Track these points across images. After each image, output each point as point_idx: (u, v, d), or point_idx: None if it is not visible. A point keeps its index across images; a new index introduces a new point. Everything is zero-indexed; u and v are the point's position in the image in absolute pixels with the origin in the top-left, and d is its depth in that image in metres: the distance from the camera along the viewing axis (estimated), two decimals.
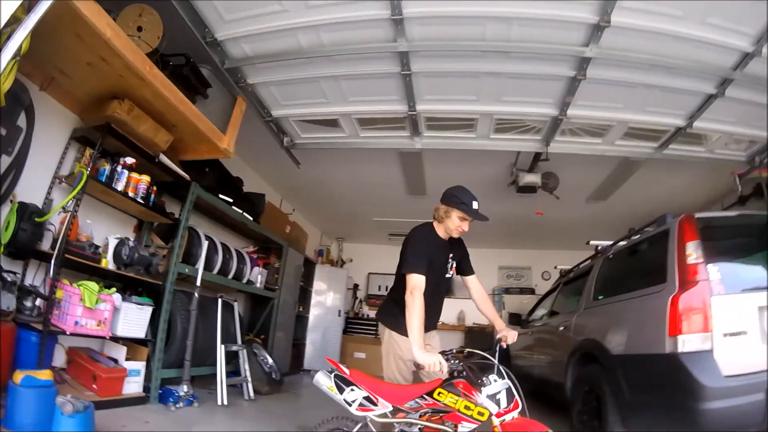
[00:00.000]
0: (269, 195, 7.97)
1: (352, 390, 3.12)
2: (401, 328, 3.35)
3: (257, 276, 7.00)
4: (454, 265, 3.71)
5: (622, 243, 4.95)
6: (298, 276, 9.27)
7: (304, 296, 10.12)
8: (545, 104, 5.16)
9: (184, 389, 4.78)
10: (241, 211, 6.44)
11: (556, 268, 8.48)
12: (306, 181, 8.01)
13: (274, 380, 6.53)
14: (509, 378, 2.95)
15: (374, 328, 11.86)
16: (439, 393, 3.01)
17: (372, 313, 12.63)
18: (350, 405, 3.08)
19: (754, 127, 5.49)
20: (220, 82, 4.96)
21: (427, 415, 3.07)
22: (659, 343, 3.29)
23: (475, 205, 3.38)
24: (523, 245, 12.73)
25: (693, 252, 3.38)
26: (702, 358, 3.09)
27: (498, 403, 2.83)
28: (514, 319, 8.08)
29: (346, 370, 3.24)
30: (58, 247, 3.72)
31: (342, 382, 3.18)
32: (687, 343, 3.12)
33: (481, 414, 2.89)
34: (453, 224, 3.44)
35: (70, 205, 3.91)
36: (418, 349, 2.98)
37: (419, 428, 3.06)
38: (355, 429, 3.14)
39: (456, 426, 2.95)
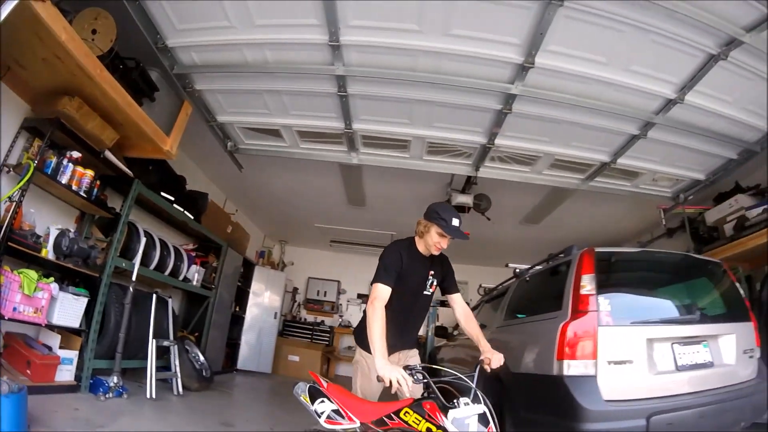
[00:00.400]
0: (214, 194, 8.04)
1: (322, 402, 3.16)
2: (365, 344, 3.30)
3: (194, 274, 7.05)
4: (435, 283, 3.61)
5: (538, 267, 5.17)
6: (236, 276, 9.35)
7: (241, 297, 10.15)
8: (474, 132, 5.50)
9: (114, 380, 4.84)
10: (182, 209, 6.53)
11: (480, 286, 8.77)
12: (250, 183, 8.12)
13: (204, 378, 6.60)
14: (485, 403, 2.81)
15: (309, 332, 12.25)
16: (406, 413, 2.90)
17: (310, 318, 12.89)
18: (320, 416, 3.09)
19: (677, 166, 6.07)
20: (168, 86, 5.10)
21: None
22: (549, 365, 3.60)
23: (455, 222, 3.28)
24: (462, 260, 12.89)
25: (587, 284, 3.70)
26: (585, 382, 3.39)
27: (467, 428, 2.70)
28: (440, 332, 8.37)
29: (324, 383, 3.30)
30: (2, 236, 3.76)
31: (316, 393, 3.23)
32: (572, 367, 3.44)
33: None
34: (432, 240, 3.35)
35: (16, 195, 3.98)
36: (380, 359, 2.90)
37: None
38: None
39: None
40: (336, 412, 3.06)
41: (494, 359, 3.08)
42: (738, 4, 3.54)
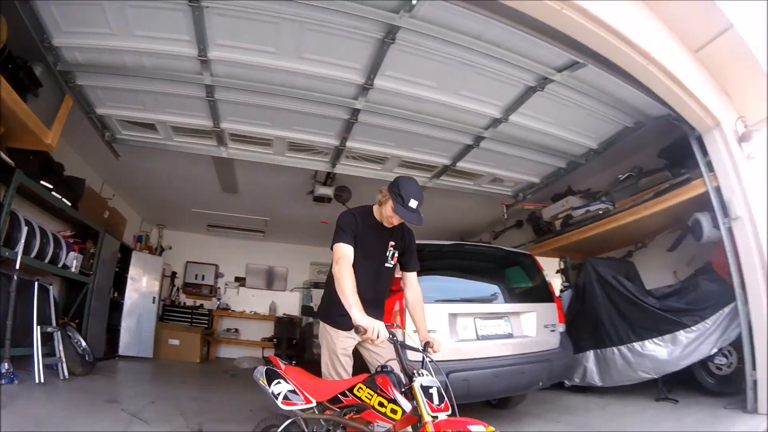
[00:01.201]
0: (91, 180, 7.99)
1: (278, 383, 3.24)
2: (330, 318, 3.45)
3: (73, 261, 7.08)
4: (396, 254, 3.62)
5: None
6: (114, 262, 9.34)
7: (119, 282, 10.08)
8: (328, 136, 6.33)
9: (5, 367, 5.04)
10: (60, 197, 6.59)
11: None
12: (127, 170, 8.18)
13: (87, 362, 6.83)
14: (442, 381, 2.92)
15: (189, 316, 12.29)
16: (359, 389, 2.99)
17: (189, 302, 12.98)
18: (277, 397, 3.17)
19: (512, 171, 7.34)
20: (52, 80, 5.31)
21: (351, 412, 3.11)
22: None
23: (412, 203, 3.27)
24: (328, 243, 13.75)
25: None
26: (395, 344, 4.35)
27: (431, 398, 2.75)
28: (306, 311, 9.26)
29: (282, 365, 3.42)
30: None
31: (273, 375, 3.31)
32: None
33: (393, 412, 2.84)
34: (387, 211, 3.37)
35: None
36: (356, 311, 2.90)
37: (342, 426, 3.12)
38: (283, 425, 3.21)
39: (372, 425, 2.94)
40: (292, 392, 3.17)
41: (436, 344, 3.19)
42: (552, 49, 4.49)
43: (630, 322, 6.02)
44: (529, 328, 5.10)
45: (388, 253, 3.57)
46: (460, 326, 4.80)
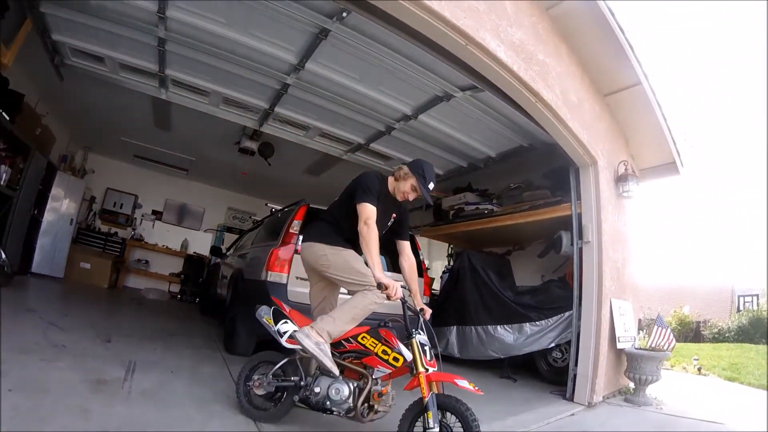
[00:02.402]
0: (28, 95, 7.60)
1: (285, 322, 3.48)
2: (328, 239, 3.64)
3: (2, 174, 7.02)
4: (390, 223, 3.88)
5: (287, 209, 6.54)
6: (38, 179, 8.94)
7: (41, 200, 9.58)
8: (260, 99, 6.93)
9: None
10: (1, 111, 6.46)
11: (267, 204, 9.19)
12: (67, 92, 8.14)
13: (7, 273, 7.04)
14: (431, 340, 3.28)
15: (102, 242, 12.15)
16: (363, 337, 3.34)
17: (104, 228, 12.70)
18: (282, 336, 3.42)
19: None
20: (17, 3, 5.39)
21: (351, 357, 3.42)
22: (261, 274, 5.35)
23: (431, 186, 3.65)
24: (254, 194, 14.14)
25: (295, 227, 5.48)
26: (279, 286, 5.20)
27: (425, 354, 3.12)
28: (215, 252, 9.78)
29: (287, 308, 3.69)
30: None
31: (280, 316, 3.56)
32: (272, 276, 5.25)
33: (396, 360, 3.20)
34: (404, 187, 3.66)
35: None
36: (379, 271, 3.24)
37: (341, 368, 3.38)
38: (280, 363, 3.52)
39: (372, 369, 3.28)
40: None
41: (428, 312, 3.57)
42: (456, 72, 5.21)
43: (488, 308, 7.05)
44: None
45: (388, 222, 3.83)
46: None
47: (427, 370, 3.05)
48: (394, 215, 3.87)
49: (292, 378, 3.48)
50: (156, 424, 3.16)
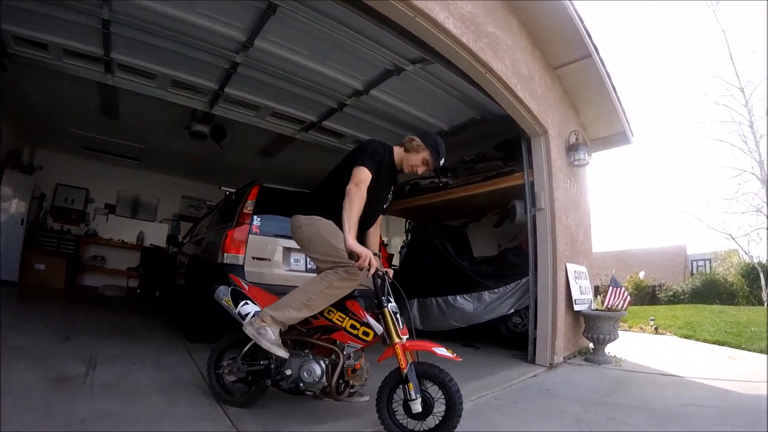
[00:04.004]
0: None
1: (246, 304, 3.31)
2: (307, 209, 3.38)
3: None
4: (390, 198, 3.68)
5: (241, 190, 6.34)
6: None
7: None
8: (209, 80, 6.77)
9: None
10: None
11: (220, 188, 8.57)
12: (10, 84, 7.84)
13: None
14: (399, 303, 3.13)
15: (55, 241, 11.65)
16: (329, 311, 3.15)
17: (56, 226, 12.17)
18: (243, 318, 3.24)
19: (369, 135, 7.69)
20: None
21: (319, 333, 3.27)
22: (218, 256, 5.33)
23: (443, 162, 3.50)
24: (208, 180, 13.87)
25: (249, 207, 5.45)
26: (235, 268, 5.15)
27: (398, 322, 3.00)
28: (171, 240, 9.69)
29: (246, 286, 3.47)
30: None
31: (239, 297, 3.36)
32: (228, 258, 5.25)
33: (366, 334, 3.06)
34: (415, 160, 3.46)
35: None
36: (351, 238, 2.93)
37: (309, 346, 3.27)
38: (247, 347, 3.29)
39: (343, 345, 3.15)
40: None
41: (390, 272, 3.36)
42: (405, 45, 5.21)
43: (447, 278, 7.17)
44: None
45: (389, 195, 3.63)
46: (293, 259, 5.68)
47: (402, 340, 2.95)
48: (393, 188, 3.68)
49: (262, 362, 3.32)
50: (121, 415, 3.13)
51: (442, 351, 2.91)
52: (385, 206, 3.64)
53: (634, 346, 7.71)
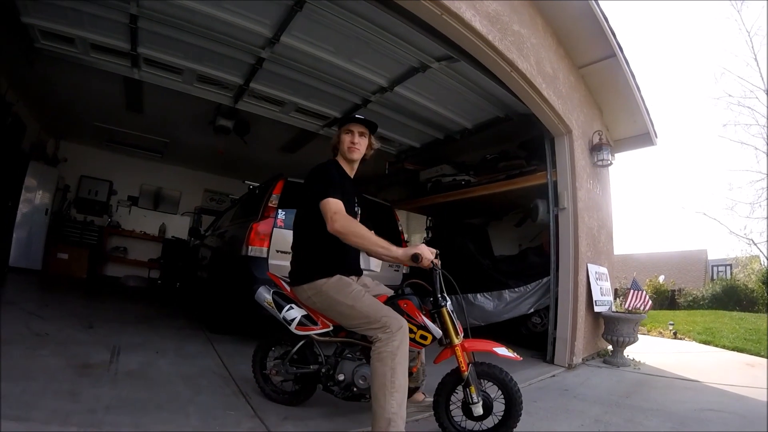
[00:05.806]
0: None
1: (291, 308, 3.07)
2: (304, 274, 3.09)
3: None
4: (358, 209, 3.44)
5: (265, 184, 6.37)
6: (12, 170, 9.16)
7: (14, 192, 9.82)
8: (235, 75, 6.81)
9: None
10: None
11: (244, 182, 8.73)
12: (38, 78, 8.02)
13: None
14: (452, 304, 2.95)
15: (79, 231, 11.88)
16: None
17: (80, 217, 12.37)
18: (290, 324, 3.03)
19: (395, 134, 8.31)
20: None
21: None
22: (242, 248, 5.34)
23: (356, 116, 3.27)
24: (230, 174, 14.04)
25: (274, 200, 5.47)
26: (259, 261, 5.21)
27: (455, 324, 2.82)
28: (194, 233, 9.74)
29: (288, 288, 3.20)
30: None
31: (282, 299, 3.15)
32: (252, 250, 5.25)
33: (423, 338, 2.83)
34: (345, 145, 3.24)
35: None
36: (394, 249, 2.78)
37: (361, 348, 3.05)
38: (296, 347, 3.18)
39: None
40: (307, 317, 3.02)
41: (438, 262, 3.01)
42: (431, 42, 5.16)
43: (468, 276, 7.00)
44: (375, 265, 5.83)
45: (356, 207, 3.39)
46: None
47: (460, 340, 2.82)
48: (357, 198, 3.42)
49: (311, 366, 3.17)
50: (146, 402, 3.17)
51: (503, 351, 2.81)
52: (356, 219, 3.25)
53: (653, 350, 7.66)
